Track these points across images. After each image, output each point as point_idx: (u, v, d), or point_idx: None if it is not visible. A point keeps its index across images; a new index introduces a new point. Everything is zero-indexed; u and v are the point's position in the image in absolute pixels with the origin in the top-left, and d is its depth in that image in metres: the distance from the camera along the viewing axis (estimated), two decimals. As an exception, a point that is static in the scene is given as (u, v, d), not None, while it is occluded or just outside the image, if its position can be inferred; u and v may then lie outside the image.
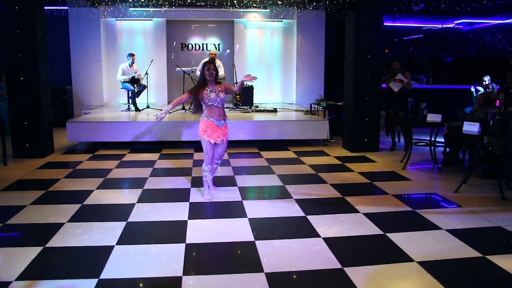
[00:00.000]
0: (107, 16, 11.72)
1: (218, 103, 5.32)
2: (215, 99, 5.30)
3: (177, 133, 8.69)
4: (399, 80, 8.40)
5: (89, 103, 11.75)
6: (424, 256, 3.80)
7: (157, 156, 7.98)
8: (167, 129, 8.69)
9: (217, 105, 5.33)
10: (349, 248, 4.01)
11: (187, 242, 4.12)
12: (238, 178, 6.52)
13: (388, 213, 5.00)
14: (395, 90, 8.43)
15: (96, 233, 4.33)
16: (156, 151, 8.39)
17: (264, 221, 4.73)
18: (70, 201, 5.34)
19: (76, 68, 11.66)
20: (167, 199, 5.40)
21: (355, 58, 8.27)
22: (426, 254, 3.83)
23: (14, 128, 7.84)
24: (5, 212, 4.96)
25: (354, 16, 8.24)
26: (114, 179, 6.49)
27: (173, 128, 8.70)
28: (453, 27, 13.70)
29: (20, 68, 7.67)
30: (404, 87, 8.44)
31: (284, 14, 12.13)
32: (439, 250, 3.94)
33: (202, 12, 11.87)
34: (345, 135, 8.84)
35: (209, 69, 5.31)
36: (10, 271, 3.51)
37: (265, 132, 8.91)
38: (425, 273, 3.49)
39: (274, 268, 3.59)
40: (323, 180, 6.39)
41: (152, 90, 11.78)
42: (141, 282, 3.39)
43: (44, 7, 8.19)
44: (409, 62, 14.34)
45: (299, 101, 12.31)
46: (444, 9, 11.04)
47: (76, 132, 8.60)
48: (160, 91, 12.15)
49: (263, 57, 12.61)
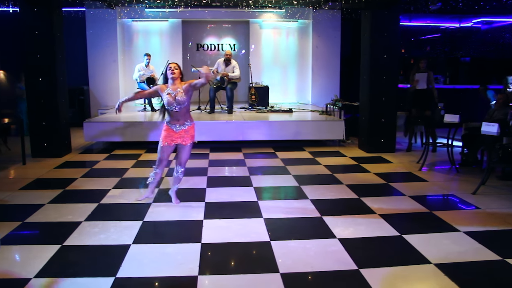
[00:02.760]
0: (123, 17, 11.82)
1: (175, 107, 4.86)
2: (172, 103, 4.84)
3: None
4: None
5: (106, 103, 11.86)
6: (441, 258, 3.75)
7: (172, 156, 8.00)
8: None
9: (174, 109, 4.88)
10: (365, 250, 3.98)
11: (202, 242, 4.12)
12: (253, 178, 6.51)
13: (404, 215, 4.96)
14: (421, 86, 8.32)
15: (113, 232, 4.36)
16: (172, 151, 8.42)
17: (279, 221, 4.72)
18: (87, 200, 5.39)
19: (93, 69, 11.78)
20: (183, 199, 5.41)
21: (371, 58, 8.21)
22: (443, 256, 3.78)
23: (33, 128, 7.95)
24: (24, 210, 5.03)
25: (370, 15, 8.18)
26: (130, 179, 6.54)
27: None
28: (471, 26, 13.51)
29: (38, 69, 7.77)
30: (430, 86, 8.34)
31: (300, 14, 12.10)
32: (457, 252, 3.88)
33: (217, 12, 11.89)
34: (361, 136, 8.78)
35: (170, 68, 4.90)
36: (29, 268, 3.55)
37: (281, 132, 8.89)
38: (443, 275, 3.44)
39: (289, 268, 3.57)
40: (338, 181, 6.36)
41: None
42: (156, 281, 3.41)
43: (62, 8, 8.29)
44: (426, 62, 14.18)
45: (314, 101, 12.27)
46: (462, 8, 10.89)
47: (93, 132, 8.69)
48: (175, 91, 12.16)
49: (278, 57, 12.59)
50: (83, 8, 11.49)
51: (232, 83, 10.10)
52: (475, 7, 10.84)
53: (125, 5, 11.48)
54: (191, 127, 5.08)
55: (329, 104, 10.17)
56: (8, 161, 7.67)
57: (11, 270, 3.54)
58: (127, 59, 12.09)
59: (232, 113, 9.93)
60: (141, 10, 11.72)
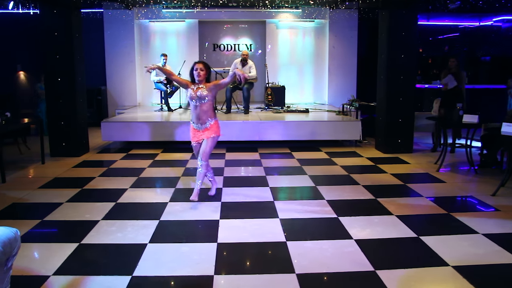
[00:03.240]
0: (140, 17, 11.92)
1: (196, 101, 5.04)
2: (193, 97, 5.03)
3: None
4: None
5: (123, 103, 11.97)
6: (459, 260, 3.69)
7: (189, 156, 8.05)
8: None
9: (195, 103, 5.06)
10: (382, 251, 3.95)
11: (218, 241, 4.13)
12: (269, 178, 6.51)
13: (422, 216, 4.90)
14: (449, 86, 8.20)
15: (130, 231, 4.39)
16: (188, 151, 8.44)
17: (295, 221, 4.70)
18: (105, 199, 5.45)
19: (111, 69, 11.90)
20: (199, 199, 5.43)
21: (388, 58, 8.14)
22: (461, 259, 3.73)
23: (51, 128, 8.06)
24: (43, 208, 5.11)
25: (388, 15, 8.11)
26: (147, 178, 6.58)
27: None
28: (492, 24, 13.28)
29: (57, 69, 7.87)
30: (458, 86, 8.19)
31: (316, 14, 12.06)
32: (475, 255, 3.83)
33: (234, 12, 11.92)
34: (378, 136, 8.71)
35: (196, 69, 5.07)
36: (48, 266, 3.60)
37: (297, 132, 8.86)
38: (461, 278, 3.39)
39: (305, 269, 3.56)
40: (355, 181, 6.31)
41: (184, 90, 11.86)
42: (173, 280, 3.42)
43: (81, 10, 8.39)
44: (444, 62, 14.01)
45: (331, 101, 12.22)
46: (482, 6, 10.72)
47: (110, 131, 8.77)
48: (192, 92, 12.22)
49: (295, 57, 12.56)
50: (101, 9, 11.62)
51: (249, 83, 10.10)
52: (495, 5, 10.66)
53: (142, 6, 11.58)
54: (214, 124, 5.19)
55: (345, 104, 10.11)
56: (28, 161, 7.79)
57: (30, 267, 3.59)
58: (144, 60, 12.18)
59: (248, 113, 9.94)
60: (158, 11, 11.80)
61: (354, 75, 12.25)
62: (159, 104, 11.06)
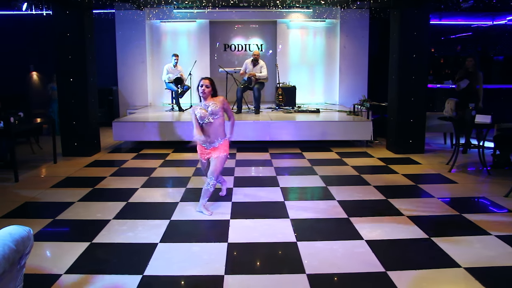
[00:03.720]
0: (152, 18, 11.97)
1: (208, 117, 4.84)
2: (205, 116, 4.83)
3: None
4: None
5: (134, 103, 12.03)
6: (472, 262, 3.66)
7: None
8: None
9: (208, 120, 4.85)
10: (393, 252, 3.92)
11: (229, 241, 4.14)
12: (280, 178, 6.50)
13: (433, 217, 4.86)
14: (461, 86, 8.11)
15: (141, 231, 4.41)
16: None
17: (306, 222, 4.69)
18: (116, 199, 5.48)
19: (122, 69, 11.97)
20: (210, 199, 5.43)
21: (400, 57, 8.09)
22: (474, 260, 3.69)
23: (63, 128, 8.12)
24: (55, 208, 5.15)
25: (399, 14, 8.06)
26: (158, 178, 6.61)
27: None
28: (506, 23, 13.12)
29: (69, 70, 7.93)
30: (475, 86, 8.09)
31: (327, 14, 12.02)
32: (488, 257, 3.78)
33: (245, 12, 11.92)
34: (389, 136, 8.66)
35: (202, 86, 4.87)
36: (59, 265, 3.64)
37: (308, 132, 8.84)
38: (473, 280, 3.36)
39: (315, 269, 3.55)
40: (366, 182, 6.28)
41: (195, 90, 11.89)
42: (183, 280, 3.43)
43: (93, 10, 8.45)
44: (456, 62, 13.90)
45: (342, 101, 12.17)
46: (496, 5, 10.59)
47: (122, 131, 8.82)
48: (203, 92, 12.25)
49: (305, 57, 12.53)
50: (113, 10, 11.69)
51: (259, 83, 10.10)
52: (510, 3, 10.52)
53: (153, 6, 11.63)
54: (223, 144, 4.94)
55: (356, 104, 10.07)
56: (40, 160, 7.87)
57: (42, 266, 3.63)
58: (155, 60, 12.24)
59: (259, 113, 9.94)
60: (170, 11, 11.84)
61: (365, 75, 12.19)
62: (170, 104, 11.10)
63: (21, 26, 12.04)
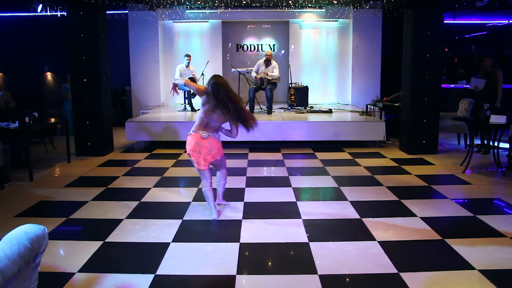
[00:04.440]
0: (164, 18, 12.03)
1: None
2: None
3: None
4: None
5: (147, 103, 12.10)
6: (486, 264, 3.61)
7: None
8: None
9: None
10: (406, 253, 3.89)
11: (241, 241, 4.14)
12: (292, 179, 6.48)
13: (447, 218, 4.81)
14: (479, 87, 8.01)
15: (153, 230, 4.43)
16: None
17: (318, 222, 4.68)
18: (129, 198, 5.51)
19: (135, 70, 12.04)
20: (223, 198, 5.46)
21: (413, 57, 8.02)
22: (488, 263, 3.64)
23: (77, 127, 8.19)
24: (68, 207, 5.19)
25: (413, 14, 7.99)
26: (171, 178, 6.63)
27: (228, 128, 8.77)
28: (522, 22, 12.96)
29: (83, 70, 7.99)
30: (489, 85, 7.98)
31: (340, 13, 11.98)
32: (503, 259, 3.73)
33: (257, 13, 11.93)
34: (402, 137, 8.59)
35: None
36: (73, 263, 3.67)
37: (320, 133, 8.82)
38: (488, 282, 3.31)
39: (328, 270, 3.53)
40: (379, 183, 6.24)
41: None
42: (195, 280, 3.44)
43: (106, 11, 8.51)
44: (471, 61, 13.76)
45: (354, 101, 12.12)
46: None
47: (135, 131, 8.87)
48: (215, 92, 12.28)
49: (318, 57, 12.50)
50: (126, 11, 11.78)
51: (272, 83, 10.10)
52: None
53: (166, 7, 11.69)
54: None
55: (369, 104, 10.02)
56: (54, 160, 7.94)
57: (56, 264, 3.66)
58: (168, 60, 12.30)
59: (271, 114, 9.93)
60: (182, 12, 11.89)
61: (378, 75, 12.12)
62: (183, 104, 11.14)
63: (37, 27, 12.18)
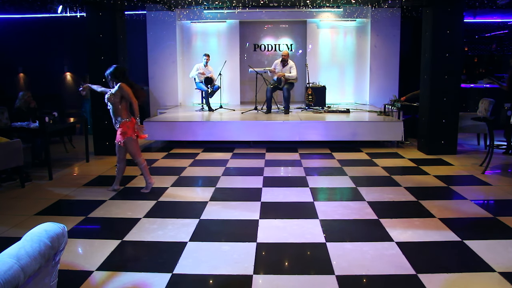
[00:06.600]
0: (182, 19, 12.08)
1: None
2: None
3: (249, 133, 8.78)
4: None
5: (165, 103, 12.17)
6: (507, 266, 3.55)
7: (229, 156, 8.10)
8: (239, 129, 8.80)
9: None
10: (424, 254, 3.84)
11: (258, 241, 4.14)
12: (309, 179, 6.46)
13: (466, 219, 4.74)
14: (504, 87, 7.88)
15: (170, 229, 4.46)
16: (229, 151, 8.52)
17: (335, 223, 4.65)
18: (146, 198, 5.55)
19: (153, 70, 12.12)
20: (239, 198, 5.46)
21: (432, 57, 7.93)
22: (509, 265, 3.58)
23: (96, 127, 8.28)
24: (87, 206, 5.25)
25: (432, 13, 7.90)
26: (188, 177, 6.66)
27: (245, 128, 8.80)
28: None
29: (102, 70, 8.01)
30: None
31: (358, 13, 11.89)
32: (524, 261, 3.67)
33: (274, 13, 11.91)
34: (421, 137, 8.50)
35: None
36: (91, 261, 3.71)
37: (337, 133, 8.77)
38: (508, 285, 3.26)
39: (345, 271, 3.51)
40: (396, 183, 6.18)
41: (225, 90, 12.01)
42: (212, 279, 3.45)
43: (125, 12, 8.58)
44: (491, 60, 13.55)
45: (372, 101, 12.02)
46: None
47: (152, 131, 8.92)
48: (233, 92, 12.35)
49: (335, 57, 12.43)
50: (144, 11, 11.86)
51: (289, 83, 10.08)
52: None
53: (184, 7, 11.75)
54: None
55: (387, 104, 9.93)
56: (73, 159, 8.05)
57: (75, 262, 3.71)
58: (186, 60, 12.36)
59: (288, 113, 9.91)
60: (200, 12, 11.93)
61: (397, 74, 11.99)
62: (200, 104, 11.19)
63: (57, 28, 12.35)
